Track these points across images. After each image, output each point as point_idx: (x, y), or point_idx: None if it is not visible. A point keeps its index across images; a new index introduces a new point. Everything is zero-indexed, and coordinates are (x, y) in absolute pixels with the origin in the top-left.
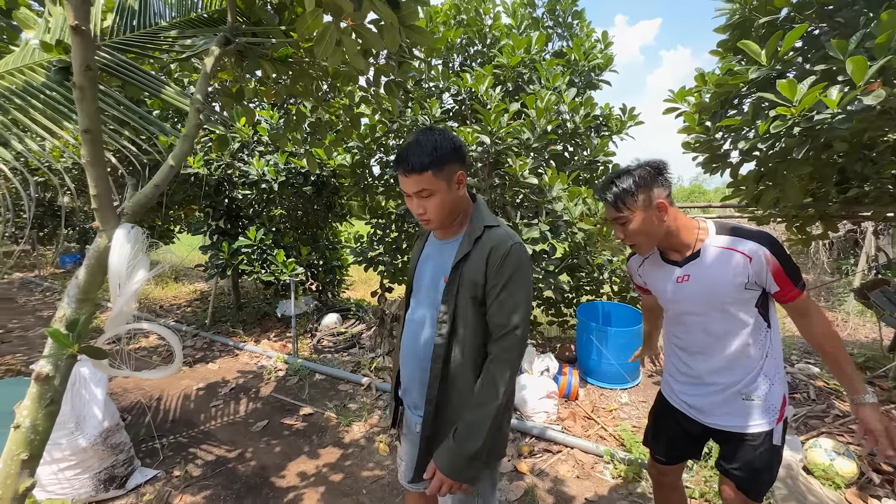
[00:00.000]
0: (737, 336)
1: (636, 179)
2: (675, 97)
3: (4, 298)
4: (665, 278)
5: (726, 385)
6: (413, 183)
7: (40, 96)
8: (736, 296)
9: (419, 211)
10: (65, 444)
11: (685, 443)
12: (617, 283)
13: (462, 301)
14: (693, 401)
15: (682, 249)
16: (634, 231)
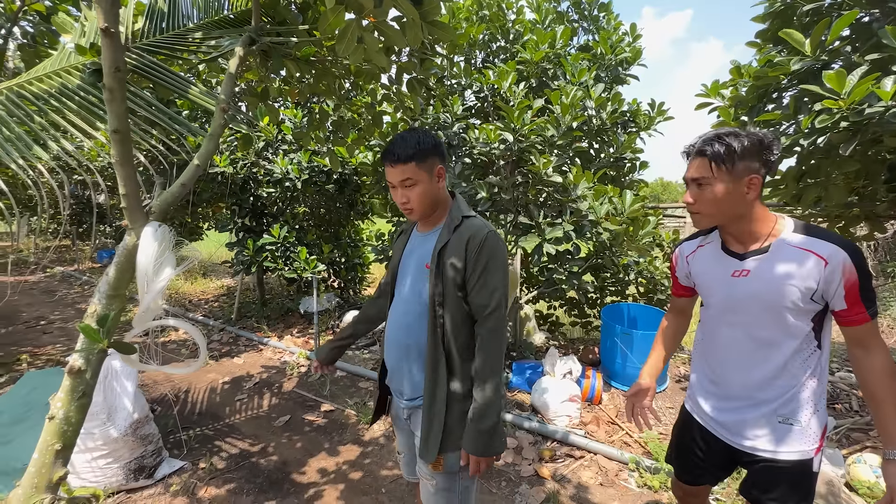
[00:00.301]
0: (782, 348)
1: (745, 143)
2: (707, 91)
3: (47, 291)
4: (719, 270)
5: (761, 402)
6: (398, 173)
7: (75, 98)
8: (798, 303)
9: (403, 200)
10: (97, 435)
11: (711, 465)
12: (643, 285)
13: (447, 285)
14: (721, 417)
15: (748, 240)
16: (711, 199)
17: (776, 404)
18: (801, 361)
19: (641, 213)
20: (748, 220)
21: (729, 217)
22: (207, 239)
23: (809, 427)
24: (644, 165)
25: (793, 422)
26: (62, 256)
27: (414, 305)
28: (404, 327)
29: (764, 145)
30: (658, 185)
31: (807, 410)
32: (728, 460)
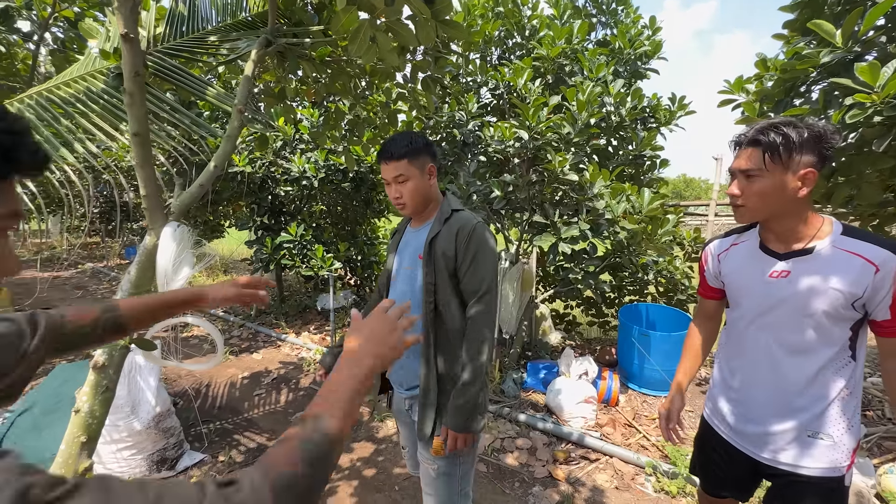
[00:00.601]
0: (816, 357)
1: (803, 135)
2: (731, 87)
3: (78, 286)
4: (754, 270)
5: (788, 413)
6: (392, 169)
7: (100, 101)
8: (839, 309)
9: (396, 195)
10: (122, 427)
11: (734, 477)
12: (662, 285)
13: (439, 273)
14: (743, 428)
15: (791, 240)
16: (760, 192)
17: (806, 417)
18: (834, 372)
19: (660, 211)
20: (795, 217)
21: (775, 213)
22: (229, 237)
23: (842, 443)
24: (664, 163)
25: (823, 437)
26: (92, 253)
27: (408, 295)
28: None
29: (823, 137)
30: (681, 182)
31: (839, 425)
32: (751, 473)
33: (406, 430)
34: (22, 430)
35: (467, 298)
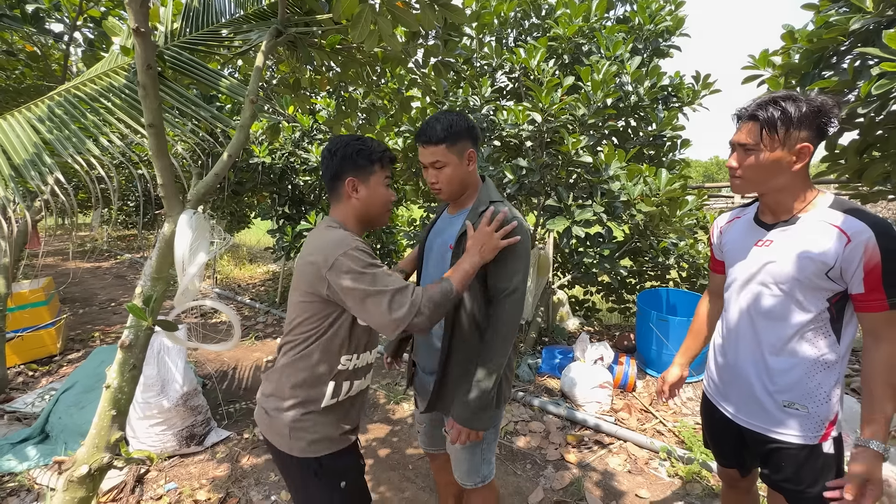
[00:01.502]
0: (790, 323)
1: (802, 110)
2: (756, 62)
3: (118, 276)
4: (745, 241)
5: (765, 378)
6: (430, 154)
7: (122, 96)
8: (812, 278)
9: (433, 180)
10: (153, 404)
11: (732, 447)
12: (685, 269)
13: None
14: (728, 395)
15: (779, 212)
16: (756, 166)
17: (781, 383)
18: (810, 341)
19: (679, 193)
20: (787, 190)
21: (770, 186)
22: (255, 227)
23: (816, 414)
24: (686, 143)
25: (798, 407)
26: (130, 245)
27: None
28: None
29: (822, 112)
30: (713, 165)
31: (814, 397)
32: (740, 441)
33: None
34: (66, 405)
35: (493, 295)
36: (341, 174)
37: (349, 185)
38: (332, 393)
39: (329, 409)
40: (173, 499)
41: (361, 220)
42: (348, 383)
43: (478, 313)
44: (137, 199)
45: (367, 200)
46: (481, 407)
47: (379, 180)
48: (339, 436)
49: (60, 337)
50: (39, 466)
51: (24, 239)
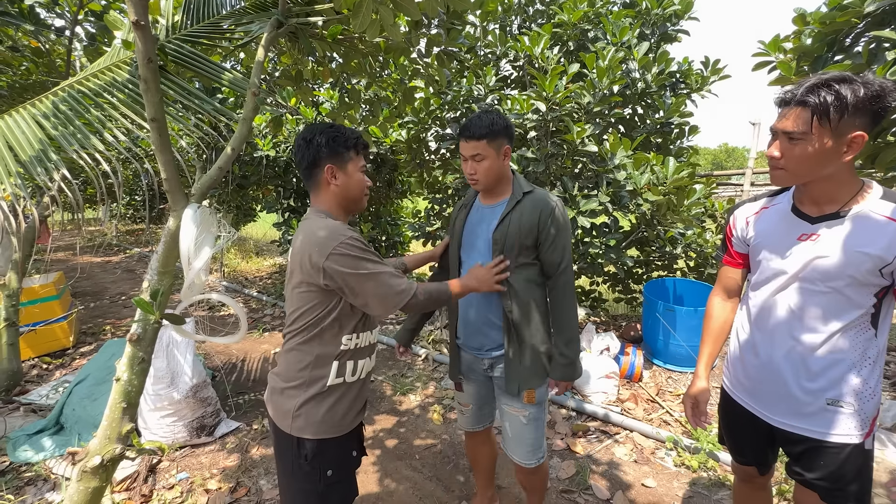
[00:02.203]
0: (836, 322)
1: (859, 94)
2: (766, 47)
3: (127, 270)
4: (784, 233)
5: (804, 377)
6: (471, 147)
7: (125, 90)
8: (865, 275)
9: (471, 172)
10: (163, 396)
11: (754, 444)
12: (692, 259)
13: (512, 251)
14: (761, 394)
15: (825, 204)
16: (802, 157)
17: (822, 383)
18: (853, 338)
19: (686, 181)
20: (834, 181)
21: (815, 176)
22: (260, 220)
23: (861, 411)
24: (694, 130)
25: (843, 404)
26: (138, 239)
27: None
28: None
29: (882, 97)
30: (722, 152)
31: (858, 394)
32: (768, 440)
33: (475, 387)
34: (79, 397)
35: (549, 271)
36: (319, 161)
37: (328, 171)
38: (336, 372)
39: (334, 390)
40: (185, 488)
41: (343, 206)
42: (352, 363)
43: (535, 291)
44: (144, 193)
45: (345, 186)
46: (573, 361)
47: (356, 166)
48: (340, 421)
49: (73, 330)
50: (55, 456)
51: (34, 234)
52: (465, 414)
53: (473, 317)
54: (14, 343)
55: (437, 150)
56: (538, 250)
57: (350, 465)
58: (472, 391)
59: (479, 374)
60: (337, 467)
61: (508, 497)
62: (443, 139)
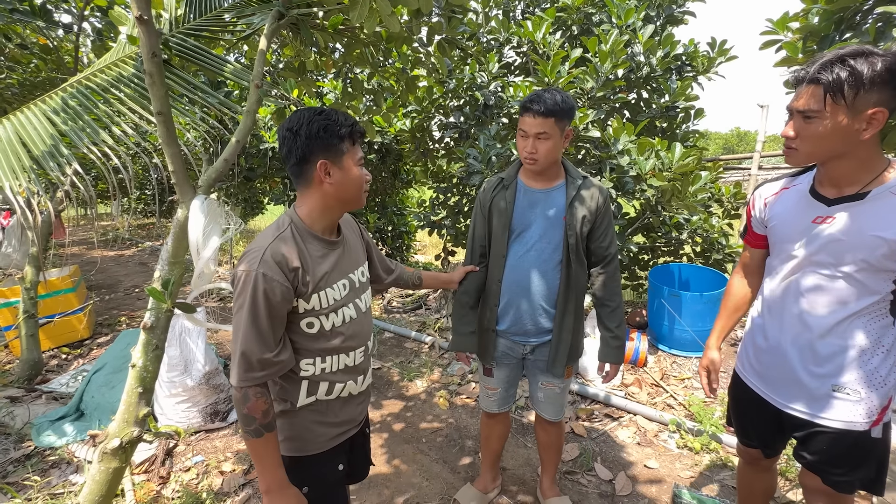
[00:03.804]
0: (848, 306)
1: (876, 68)
2: (774, 26)
3: (140, 263)
4: (800, 215)
5: (812, 361)
6: (538, 124)
7: (131, 85)
8: (882, 260)
9: (531, 150)
10: (178, 382)
11: (763, 429)
12: (698, 244)
13: (576, 234)
14: (770, 377)
15: (844, 184)
16: (817, 135)
17: (830, 367)
18: (865, 325)
19: (692, 167)
20: (854, 160)
21: (831, 156)
22: (268, 212)
23: (868, 399)
24: (700, 114)
25: (849, 391)
26: (150, 233)
27: (547, 254)
28: (539, 273)
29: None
30: (733, 136)
31: (867, 382)
32: (777, 425)
33: (508, 372)
34: (97, 385)
35: (599, 256)
36: (310, 157)
37: (321, 168)
38: (306, 392)
39: (306, 408)
40: (201, 470)
41: (334, 206)
42: (326, 384)
43: (582, 277)
44: (154, 187)
45: (341, 184)
46: (623, 343)
47: (352, 159)
48: (316, 438)
49: (89, 322)
50: (76, 441)
51: (49, 229)
52: (492, 398)
53: (526, 306)
54: (34, 334)
55: (440, 138)
56: (589, 237)
57: (333, 481)
58: (502, 376)
59: (512, 359)
60: (315, 484)
61: (512, 479)
62: (446, 128)
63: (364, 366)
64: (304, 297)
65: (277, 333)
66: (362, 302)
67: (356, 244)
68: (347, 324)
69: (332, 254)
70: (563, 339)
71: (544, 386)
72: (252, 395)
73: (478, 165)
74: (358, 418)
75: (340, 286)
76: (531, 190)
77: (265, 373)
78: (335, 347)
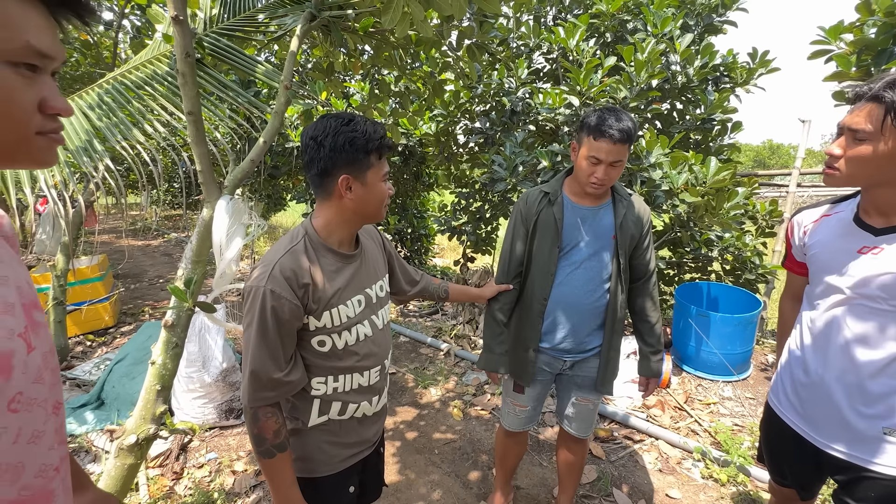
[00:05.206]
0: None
1: None
2: (826, 34)
3: (165, 254)
4: (842, 244)
5: (860, 402)
6: (616, 151)
7: (165, 83)
8: None
9: (602, 177)
10: (195, 378)
11: (799, 469)
12: (729, 262)
13: (626, 252)
14: (812, 416)
15: (893, 214)
16: (865, 158)
17: (880, 409)
18: None
19: (728, 182)
20: None
21: (877, 182)
22: (290, 209)
23: None
24: (737, 127)
25: None
26: (176, 224)
27: (596, 272)
28: (588, 291)
29: None
30: (765, 149)
31: None
32: (815, 465)
33: (540, 389)
34: (118, 376)
35: (643, 273)
36: (332, 170)
37: (342, 183)
38: (318, 412)
39: (318, 428)
40: (214, 468)
41: (352, 220)
42: (339, 404)
43: (625, 294)
44: (181, 181)
45: (361, 200)
46: (662, 360)
47: (377, 174)
48: (327, 459)
49: (114, 310)
50: (96, 430)
51: (81, 219)
52: (521, 416)
53: (574, 324)
54: (61, 321)
55: (465, 143)
56: (633, 253)
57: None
58: (534, 394)
59: (547, 374)
60: None
61: (526, 498)
62: (471, 132)
63: (379, 386)
64: (315, 315)
65: (288, 352)
66: (379, 318)
67: (376, 255)
68: (362, 342)
69: (348, 268)
70: (611, 358)
71: (578, 401)
72: (262, 416)
73: (503, 173)
74: (372, 439)
75: (354, 303)
76: (579, 207)
77: (276, 392)
78: (349, 367)
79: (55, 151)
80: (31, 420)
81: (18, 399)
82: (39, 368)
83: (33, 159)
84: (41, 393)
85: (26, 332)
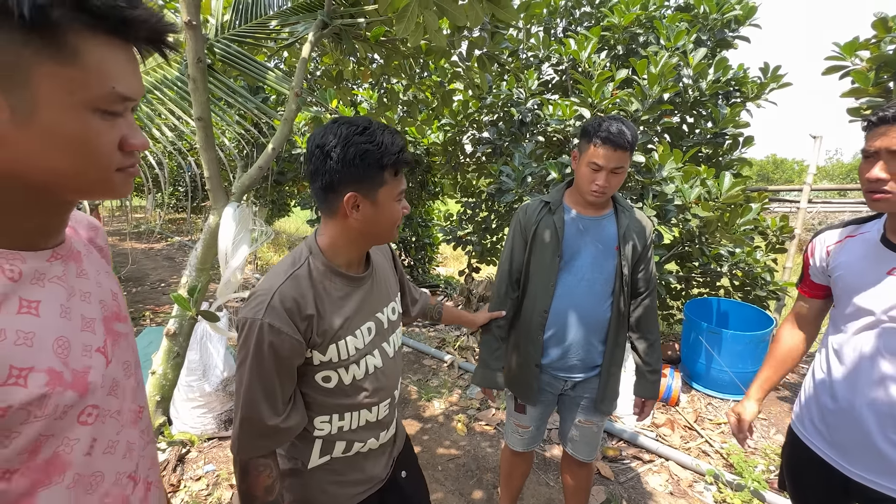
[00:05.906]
0: None
1: None
2: (842, 51)
3: (168, 257)
4: (872, 266)
5: (890, 428)
6: (618, 158)
7: (174, 87)
8: None
9: (604, 185)
10: (195, 387)
11: (833, 497)
12: (738, 278)
13: (628, 264)
14: (840, 443)
15: None
16: None
17: None
18: None
19: (741, 198)
20: None
21: None
22: (294, 215)
23: None
24: (749, 142)
25: None
26: (179, 228)
27: (598, 284)
28: (590, 305)
29: None
30: (769, 164)
31: None
32: (842, 493)
33: (542, 409)
34: None
35: (643, 286)
36: (338, 186)
37: (348, 201)
38: (319, 452)
39: (319, 469)
40: (211, 481)
41: (358, 241)
42: (343, 443)
43: (628, 308)
44: (187, 185)
45: (369, 221)
46: (659, 380)
47: (390, 193)
48: (330, 501)
49: None
50: None
51: None
52: (523, 436)
53: (576, 338)
54: None
55: (472, 153)
56: (634, 266)
57: None
58: (536, 414)
59: (549, 395)
60: None
61: None
62: (479, 142)
63: (388, 419)
64: (319, 349)
65: (287, 393)
66: (390, 346)
67: (387, 273)
68: (371, 375)
69: (357, 292)
70: (612, 374)
71: (581, 423)
72: (253, 469)
73: (510, 184)
74: (381, 474)
75: (364, 331)
76: (580, 217)
77: (271, 441)
78: (356, 404)
79: (131, 184)
80: (104, 431)
81: (89, 412)
82: (115, 380)
83: (111, 194)
84: (113, 405)
85: (105, 345)
